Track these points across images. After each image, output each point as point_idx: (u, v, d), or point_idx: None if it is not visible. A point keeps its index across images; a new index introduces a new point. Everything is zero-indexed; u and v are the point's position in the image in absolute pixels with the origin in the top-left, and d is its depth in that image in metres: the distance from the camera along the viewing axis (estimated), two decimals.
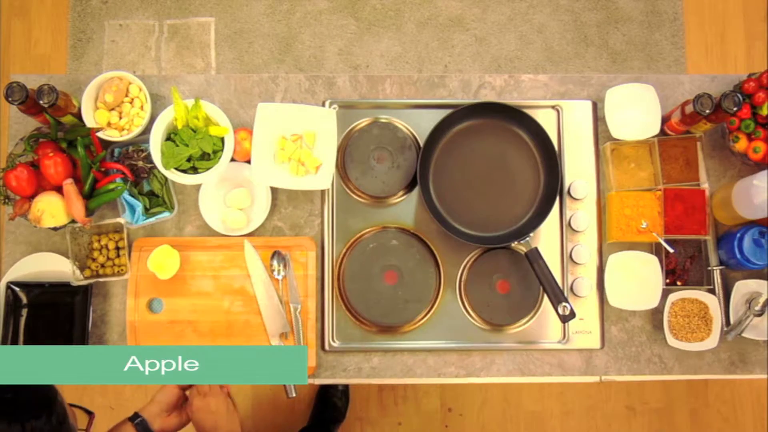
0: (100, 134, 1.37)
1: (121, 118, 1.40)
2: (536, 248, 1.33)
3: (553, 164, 1.38)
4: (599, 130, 1.46)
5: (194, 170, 1.37)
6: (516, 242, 1.36)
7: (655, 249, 1.41)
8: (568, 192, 1.43)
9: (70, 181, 1.32)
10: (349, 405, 2.22)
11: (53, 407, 0.84)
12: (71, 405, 0.90)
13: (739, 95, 1.30)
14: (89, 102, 1.38)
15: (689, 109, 1.32)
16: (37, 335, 1.37)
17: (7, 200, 1.36)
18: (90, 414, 0.95)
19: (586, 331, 1.41)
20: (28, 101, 1.28)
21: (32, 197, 1.33)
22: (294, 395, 1.34)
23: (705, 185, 1.42)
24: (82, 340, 1.36)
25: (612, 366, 1.41)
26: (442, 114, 1.37)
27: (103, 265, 1.38)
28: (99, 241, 1.38)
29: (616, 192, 1.42)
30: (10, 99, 1.27)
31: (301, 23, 2.44)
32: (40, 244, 1.42)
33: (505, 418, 2.29)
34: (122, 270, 1.38)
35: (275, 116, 1.39)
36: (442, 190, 1.41)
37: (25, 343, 1.37)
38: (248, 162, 1.39)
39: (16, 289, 1.37)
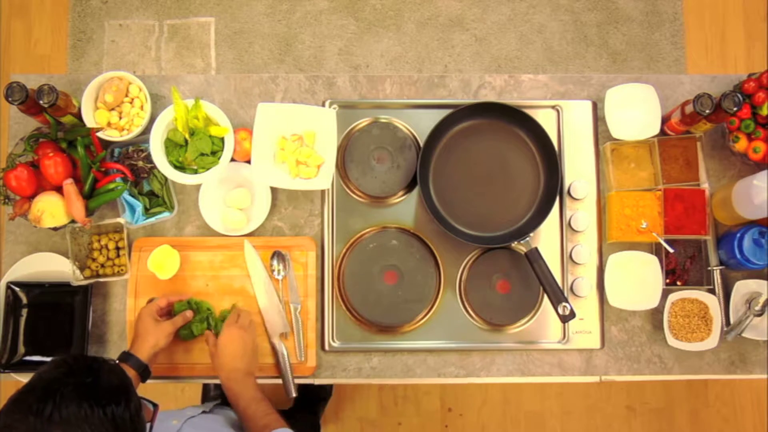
0: (100, 134, 1.37)
1: (121, 118, 1.40)
2: (536, 248, 1.33)
3: (553, 164, 1.38)
4: (599, 130, 1.46)
5: (194, 170, 1.37)
6: (516, 242, 1.36)
7: (655, 249, 1.41)
8: (568, 192, 1.43)
9: (70, 181, 1.32)
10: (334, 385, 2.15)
11: (130, 395, 0.85)
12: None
13: (739, 95, 1.30)
14: (89, 102, 1.38)
15: (689, 109, 1.32)
16: (37, 335, 1.37)
17: (7, 200, 1.36)
18: (155, 406, 0.95)
19: (586, 331, 1.41)
20: (28, 101, 1.28)
21: (32, 197, 1.33)
22: (295, 395, 1.34)
23: (705, 185, 1.42)
24: (82, 340, 1.36)
25: (612, 366, 1.41)
26: (442, 114, 1.37)
27: (103, 265, 1.38)
28: (99, 241, 1.38)
29: (616, 192, 1.42)
30: (10, 99, 1.27)
31: (301, 23, 2.44)
32: (40, 244, 1.42)
33: (505, 418, 2.29)
34: (122, 270, 1.38)
35: (275, 116, 1.39)
36: (442, 190, 1.41)
37: (25, 343, 1.37)
38: (248, 162, 1.39)
39: (16, 289, 1.37)
